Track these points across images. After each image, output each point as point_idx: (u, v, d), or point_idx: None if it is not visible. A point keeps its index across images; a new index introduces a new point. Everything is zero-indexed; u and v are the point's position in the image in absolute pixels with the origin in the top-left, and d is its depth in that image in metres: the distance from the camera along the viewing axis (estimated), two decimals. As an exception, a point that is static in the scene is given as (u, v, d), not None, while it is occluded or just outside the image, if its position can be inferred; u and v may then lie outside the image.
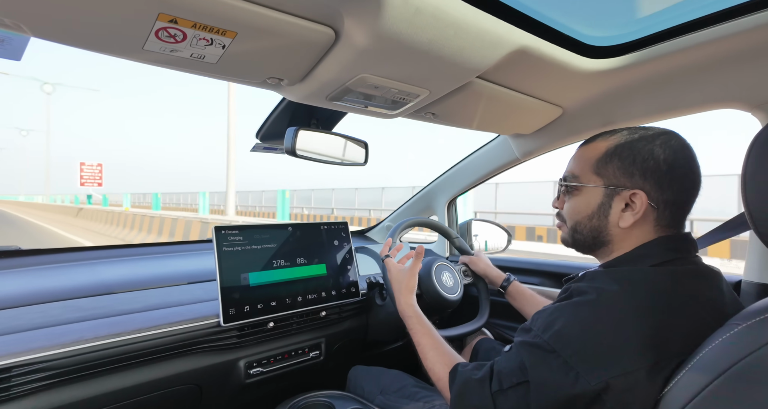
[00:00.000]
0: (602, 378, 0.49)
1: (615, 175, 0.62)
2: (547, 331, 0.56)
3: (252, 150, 1.19)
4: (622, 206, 0.62)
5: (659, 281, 0.55)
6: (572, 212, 0.68)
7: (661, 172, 0.59)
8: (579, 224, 0.67)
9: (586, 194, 0.65)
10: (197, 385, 0.87)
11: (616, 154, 0.62)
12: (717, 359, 0.44)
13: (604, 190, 0.63)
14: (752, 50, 0.70)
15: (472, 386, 0.60)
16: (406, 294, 0.89)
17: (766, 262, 0.78)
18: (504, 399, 0.56)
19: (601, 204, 0.63)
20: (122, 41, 0.55)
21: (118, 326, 0.75)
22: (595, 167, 0.64)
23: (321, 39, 0.60)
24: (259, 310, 0.89)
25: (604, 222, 0.64)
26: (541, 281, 1.30)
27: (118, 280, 0.96)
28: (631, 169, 0.61)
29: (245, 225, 0.94)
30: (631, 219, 0.61)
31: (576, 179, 0.67)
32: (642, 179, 0.60)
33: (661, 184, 0.59)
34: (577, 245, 0.69)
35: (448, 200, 1.56)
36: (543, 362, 0.54)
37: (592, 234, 0.65)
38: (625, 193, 0.61)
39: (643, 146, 0.61)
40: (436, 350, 0.74)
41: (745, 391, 0.40)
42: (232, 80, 0.72)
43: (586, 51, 0.75)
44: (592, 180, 0.65)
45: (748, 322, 0.44)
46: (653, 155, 0.60)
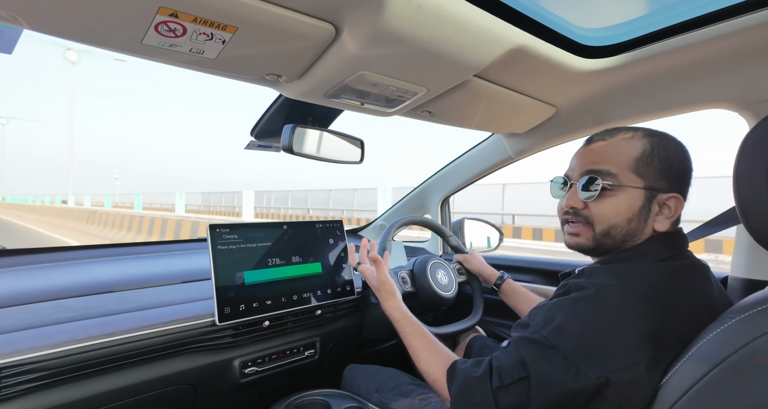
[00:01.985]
0: (603, 373, 0.50)
1: (656, 176, 0.60)
2: (546, 326, 0.56)
3: (246, 148, 1.17)
4: (657, 209, 0.61)
5: (656, 276, 0.56)
6: (609, 215, 0.62)
7: (686, 178, 0.63)
8: (615, 227, 0.62)
9: (625, 195, 0.61)
10: (191, 385, 0.86)
11: (656, 156, 0.61)
12: (712, 352, 0.45)
13: (645, 192, 0.60)
14: (741, 52, 0.72)
15: (472, 384, 0.59)
16: (387, 298, 0.87)
17: (752, 258, 0.81)
18: (505, 395, 0.56)
19: (641, 207, 0.61)
20: (121, 35, 0.54)
21: (111, 326, 0.73)
22: (635, 167, 0.61)
23: (321, 35, 0.60)
24: (255, 309, 0.89)
25: (642, 226, 0.61)
26: (533, 279, 1.32)
27: (110, 279, 0.94)
28: (670, 172, 0.61)
29: (240, 224, 0.94)
30: (667, 223, 0.61)
31: (614, 178, 0.61)
32: (677, 183, 0.62)
33: (685, 189, 0.62)
34: (599, 250, 0.64)
35: (442, 199, 1.57)
36: (543, 358, 0.54)
37: (625, 238, 0.62)
38: (663, 196, 0.61)
39: (674, 150, 0.62)
40: (429, 351, 0.72)
41: (740, 381, 0.42)
42: (230, 76, 0.72)
43: (580, 51, 0.76)
44: (632, 181, 0.61)
45: (740, 316, 0.45)
46: (683, 160, 0.62)
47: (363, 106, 0.88)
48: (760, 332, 0.42)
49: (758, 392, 0.40)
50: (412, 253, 1.63)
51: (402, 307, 0.85)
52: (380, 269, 0.91)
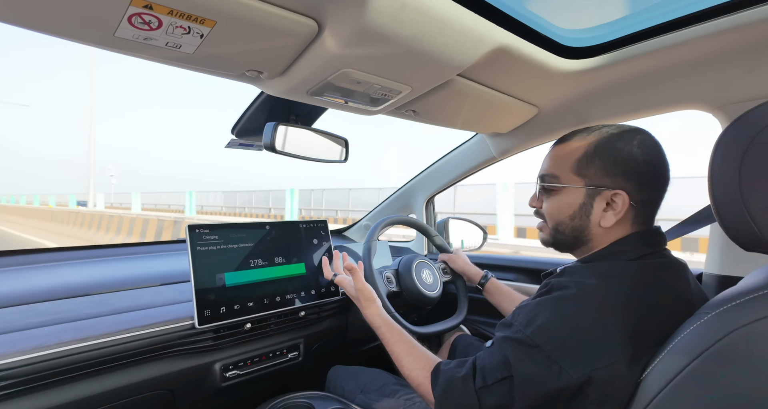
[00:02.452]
0: (585, 371, 0.50)
1: (596, 175, 0.63)
2: (530, 326, 0.56)
3: (227, 146, 1.15)
4: (603, 205, 0.62)
5: (636, 275, 0.57)
6: (553, 212, 0.68)
7: (641, 173, 0.61)
8: (560, 224, 0.67)
9: (567, 194, 0.65)
10: (170, 390, 0.83)
11: (596, 155, 0.63)
12: (690, 346, 0.46)
13: (586, 190, 0.63)
14: (714, 54, 0.74)
15: (456, 384, 0.59)
16: (367, 306, 0.87)
17: (726, 255, 0.83)
18: (488, 395, 0.56)
19: (582, 204, 0.64)
20: (92, 27, 0.52)
21: (84, 331, 0.71)
22: (575, 167, 0.64)
23: (303, 31, 0.59)
24: (236, 311, 0.87)
25: (585, 222, 0.64)
26: (516, 277, 1.34)
27: (85, 282, 0.91)
28: (613, 169, 0.61)
29: (220, 224, 0.91)
30: (613, 219, 0.62)
31: (556, 179, 0.66)
32: (623, 180, 0.61)
33: (641, 184, 0.61)
34: (558, 245, 0.69)
35: (427, 199, 1.57)
36: (526, 357, 0.54)
37: (573, 234, 0.66)
38: (607, 193, 0.62)
39: (623, 147, 0.61)
40: (412, 356, 0.72)
41: (716, 373, 0.43)
42: (209, 72, 0.70)
43: (562, 51, 0.77)
44: (573, 180, 0.65)
45: (716, 311, 0.47)
46: (633, 156, 0.61)
47: (347, 105, 0.87)
48: (735, 325, 0.43)
49: (733, 383, 0.41)
50: (398, 253, 1.63)
51: (382, 313, 0.85)
52: (356, 277, 0.90)
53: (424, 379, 0.66)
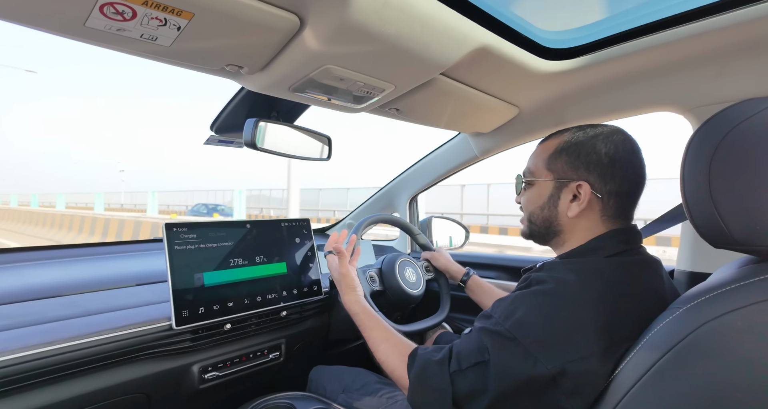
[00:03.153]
0: (559, 363, 0.52)
1: (563, 169, 0.67)
2: (508, 319, 0.57)
3: (206, 143, 1.12)
4: (570, 197, 0.66)
5: (611, 272, 0.59)
6: (527, 204, 0.73)
7: (603, 165, 0.64)
8: (533, 214, 0.72)
9: (538, 187, 0.71)
10: (145, 394, 0.81)
11: (564, 150, 0.67)
12: (662, 340, 0.48)
13: (554, 183, 0.68)
14: (685, 58, 0.77)
15: (431, 367, 0.61)
16: (346, 292, 0.88)
17: (696, 252, 0.86)
18: (462, 379, 0.57)
19: (550, 195, 0.68)
20: (60, 15, 0.49)
21: (52, 334, 0.67)
22: (546, 163, 0.69)
23: (285, 26, 0.58)
24: (215, 311, 0.85)
25: (554, 212, 0.68)
26: (497, 275, 1.36)
27: (54, 283, 0.87)
28: (577, 163, 0.65)
29: (199, 222, 0.89)
30: (577, 209, 0.65)
31: (531, 174, 0.72)
32: (586, 172, 0.65)
33: (604, 176, 0.64)
34: (533, 235, 0.74)
35: (410, 197, 1.57)
36: (504, 349, 0.55)
37: (544, 224, 0.70)
38: (572, 184, 0.66)
39: (587, 142, 0.66)
40: (388, 342, 0.74)
41: (687, 366, 0.44)
42: (187, 66, 0.68)
43: (542, 52, 0.79)
44: (543, 174, 0.70)
45: (686, 306, 0.48)
46: (596, 149, 0.65)
47: (330, 102, 0.86)
48: (704, 320, 0.45)
49: (703, 375, 0.43)
50: (381, 251, 1.63)
51: (361, 301, 0.86)
52: (342, 261, 0.91)
53: (400, 363, 0.67)
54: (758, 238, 0.46)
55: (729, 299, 0.45)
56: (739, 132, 0.47)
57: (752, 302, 0.43)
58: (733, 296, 0.45)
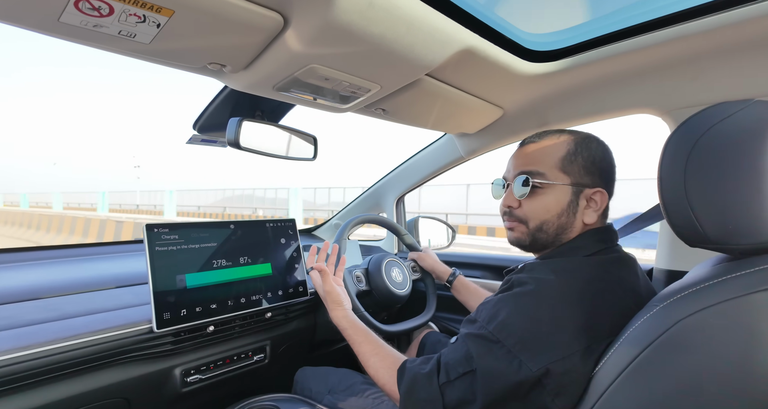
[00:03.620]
0: (543, 364, 0.52)
1: (580, 173, 0.65)
2: (492, 322, 0.58)
3: (188, 142, 1.10)
4: (585, 203, 0.65)
5: (589, 270, 0.60)
6: (540, 211, 0.66)
7: (609, 173, 0.67)
8: (547, 222, 0.66)
9: (554, 192, 0.65)
10: (125, 398, 0.79)
11: (579, 153, 0.65)
12: (639, 337, 0.49)
13: (572, 188, 0.65)
14: (662, 62, 0.79)
15: (420, 381, 0.60)
16: (333, 308, 0.87)
17: (673, 251, 0.89)
18: (451, 390, 0.57)
19: (570, 202, 0.65)
20: (33, 10, 0.48)
21: (26, 338, 0.65)
22: (561, 165, 0.65)
23: (268, 24, 0.57)
24: (198, 313, 0.83)
25: (572, 220, 0.65)
26: (483, 274, 1.37)
27: (28, 286, 0.84)
28: (593, 168, 0.65)
29: (181, 223, 0.87)
30: (594, 216, 0.65)
31: (542, 177, 0.65)
32: (599, 178, 0.66)
33: (609, 182, 0.67)
34: (536, 245, 0.68)
35: (397, 198, 1.57)
36: (489, 352, 0.56)
37: (557, 232, 0.66)
38: (589, 191, 0.65)
39: (595, 148, 0.66)
40: (378, 356, 0.73)
41: (664, 362, 0.46)
42: (167, 64, 0.66)
43: (525, 54, 0.80)
44: (559, 178, 0.65)
45: (663, 303, 0.50)
46: (604, 157, 0.66)
47: (315, 102, 0.85)
48: (680, 316, 0.46)
49: (679, 370, 0.44)
50: (368, 252, 1.63)
51: (349, 315, 0.85)
52: (325, 280, 0.90)
53: (390, 377, 0.67)
54: (730, 237, 0.47)
55: (703, 297, 0.46)
56: (712, 134, 0.49)
57: (725, 298, 0.45)
58: (708, 294, 0.46)
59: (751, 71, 0.74)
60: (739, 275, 0.46)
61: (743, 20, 0.65)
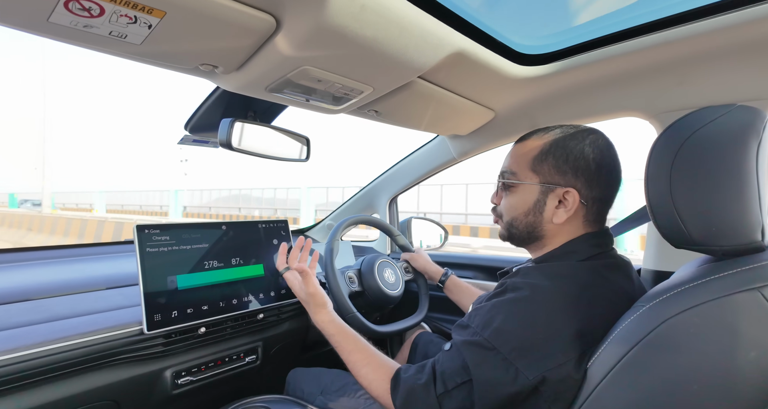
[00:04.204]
0: (539, 372, 0.52)
1: (550, 172, 0.64)
2: (486, 328, 0.57)
3: (179, 143, 1.10)
4: (555, 202, 0.64)
5: (584, 275, 0.60)
6: (509, 208, 0.69)
7: (591, 171, 0.63)
8: (515, 219, 0.68)
9: (522, 191, 0.67)
10: (114, 401, 0.78)
11: (550, 153, 0.64)
12: (627, 336, 0.50)
13: (540, 187, 0.65)
14: (649, 66, 0.81)
15: (417, 393, 0.60)
16: (317, 311, 0.84)
17: (660, 252, 0.90)
18: (449, 400, 0.57)
19: (536, 201, 0.65)
20: (21, 9, 0.47)
21: (12, 341, 0.64)
22: (531, 165, 0.66)
23: (261, 26, 0.57)
24: (189, 315, 0.83)
25: (539, 218, 0.66)
26: (474, 275, 1.38)
27: (15, 287, 0.83)
28: (564, 167, 0.63)
29: (172, 224, 0.87)
30: (564, 216, 0.63)
31: (514, 176, 0.68)
32: (574, 177, 0.63)
33: (590, 182, 0.63)
34: (513, 239, 0.71)
35: (390, 198, 1.58)
36: (484, 361, 0.55)
37: (527, 230, 0.67)
38: (559, 190, 0.63)
39: (575, 145, 0.63)
40: (370, 366, 0.71)
41: (650, 360, 0.47)
42: (158, 65, 0.66)
43: (516, 58, 0.81)
44: (528, 177, 0.66)
45: (650, 303, 0.51)
46: (584, 154, 0.63)
47: (308, 103, 0.85)
48: (665, 316, 0.47)
49: (664, 369, 0.46)
50: (360, 252, 1.63)
51: (336, 319, 0.82)
52: (308, 281, 0.87)
53: (384, 391, 0.65)
54: (714, 238, 0.49)
55: (688, 297, 0.47)
56: (697, 138, 0.50)
57: (708, 299, 0.46)
58: (691, 294, 0.47)
59: (734, 77, 0.76)
60: (722, 276, 0.47)
61: (727, 27, 0.67)
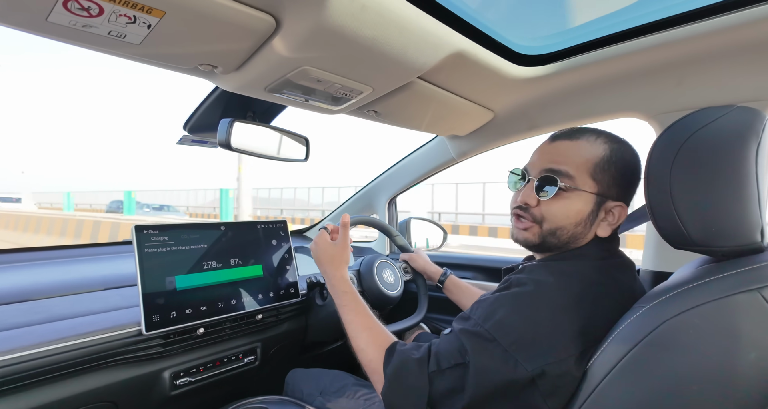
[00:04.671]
0: (538, 365, 0.52)
1: (609, 184, 0.61)
2: (488, 320, 0.57)
3: (178, 143, 1.09)
4: (604, 215, 0.62)
5: (590, 274, 0.60)
6: (559, 215, 0.62)
7: (635, 187, 0.63)
8: (562, 228, 0.62)
9: (578, 199, 0.61)
10: (113, 402, 0.78)
11: (614, 163, 0.61)
12: (627, 336, 0.50)
13: (597, 198, 0.61)
14: (648, 67, 0.81)
15: (409, 366, 0.59)
16: (339, 266, 0.82)
17: (659, 253, 0.90)
18: (440, 379, 0.57)
19: (591, 212, 0.61)
20: (20, 9, 0.47)
21: (9, 342, 0.64)
22: (593, 172, 0.61)
23: (260, 26, 0.57)
24: (188, 315, 0.83)
25: (587, 230, 0.62)
26: (474, 275, 1.38)
27: (12, 288, 0.82)
28: (622, 181, 0.62)
29: (171, 224, 0.87)
30: (609, 230, 0.62)
31: (571, 180, 0.61)
32: (625, 192, 0.62)
33: (630, 196, 0.63)
34: (543, 247, 0.65)
35: (389, 199, 1.58)
36: (484, 350, 0.55)
37: (569, 240, 0.63)
38: (611, 204, 0.61)
39: (630, 159, 0.62)
40: (371, 331, 0.69)
41: (651, 360, 0.47)
42: (158, 65, 0.66)
43: (515, 58, 0.81)
44: (588, 185, 0.61)
45: (650, 304, 0.51)
46: (635, 171, 0.62)
47: (308, 103, 0.85)
48: (666, 317, 0.47)
49: (664, 369, 0.46)
50: (360, 253, 1.63)
51: (350, 282, 0.82)
52: (345, 233, 0.86)
53: (377, 355, 0.64)
54: (713, 239, 0.49)
55: (688, 298, 0.48)
56: (696, 139, 0.50)
57: (708, 300, 0.46)
58: (692, 295, 0.48)
59: (733, 78, 0.76)
60: (722, 277, 0.47)
61: (726, 28, 0.67)
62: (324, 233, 0.90)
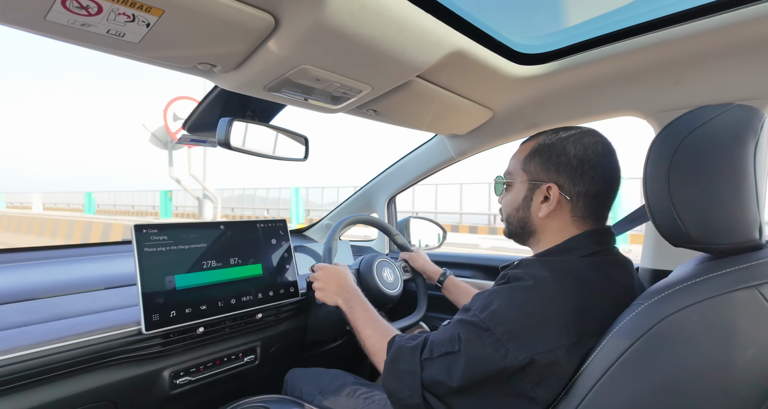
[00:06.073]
0: (528, 354, 0.54)
1: (536, 170, 0.69)
2: (484, 311, 0.60)
3: (178, 142, 1.09)
4: (541, 198, 0.68)
5: (584, 270, 0.62)
6: (505, 206, 0.76)
7: (572, 166, 0.65)
8: (510, 215, 0.74)
9: (515, 189, 0.73)
10: (112, 401, 0.78)
11: (537, 152, 0.69)
12: (626, 333, 0.50)
13: (528, 184, 0.70)
14: (646, 66, 0.81)
15: (404, 353, 0.64)
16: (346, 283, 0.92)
17: (658, 251, 0.91)
18: (431, 366, 0.60)
19: (525, 197, 0.71)
20: (18, 8, 0.47)
21: (8, 341, 0.64)
22: (522, 164, 0.71)
23: (259, 25, 0.57)
24: (187, 315, 0.83)
25: (527, 213, 0.71)
26: (473, 274, 1.38)
27: (11, 288, 0.82)
28: (548, 164, 0.68)
29: (170, 224, 0.87)
30: (546, 210, 0.68)
31: (509, 176, 0.74)
32: (556, 174, 0.67)
33: (573, 178, 0.66)
34: (511, 235, 0.76)
35: (388, 198, 1.58)
36: (477, 338, 0.58)
37: (519, 225, 0.73)
38: (543, 186, 0.68)
39: (558, 144, 0.68)
40: (376, 321, 0.78)
41: (650, 356, 0.47)
42: (156, 64, 0.66)
43: (514, 57, 0.81)
44: (519, 176, 0.72)
45: (649, 301, 0.51)
46: (565, 151, 0.66)
47: (307, 102, 0.85)
48: (664, 314, 0.47)
49: (663, 366, 0.46)
50: (359, 252, 1.63)
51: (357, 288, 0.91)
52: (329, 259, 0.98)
53: (380, 348, 0.71)
54: (712, 237, 0.49)
55: (686, 295, 0.48)
56: (695, 137, 0.50)
57: (706, 297, 0.46)
58: (690, 292, 0.48)
59: (731, 76, 0.76)
60: (720, 274, 0.47)
61: (724, 27, 0.67)
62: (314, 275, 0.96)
